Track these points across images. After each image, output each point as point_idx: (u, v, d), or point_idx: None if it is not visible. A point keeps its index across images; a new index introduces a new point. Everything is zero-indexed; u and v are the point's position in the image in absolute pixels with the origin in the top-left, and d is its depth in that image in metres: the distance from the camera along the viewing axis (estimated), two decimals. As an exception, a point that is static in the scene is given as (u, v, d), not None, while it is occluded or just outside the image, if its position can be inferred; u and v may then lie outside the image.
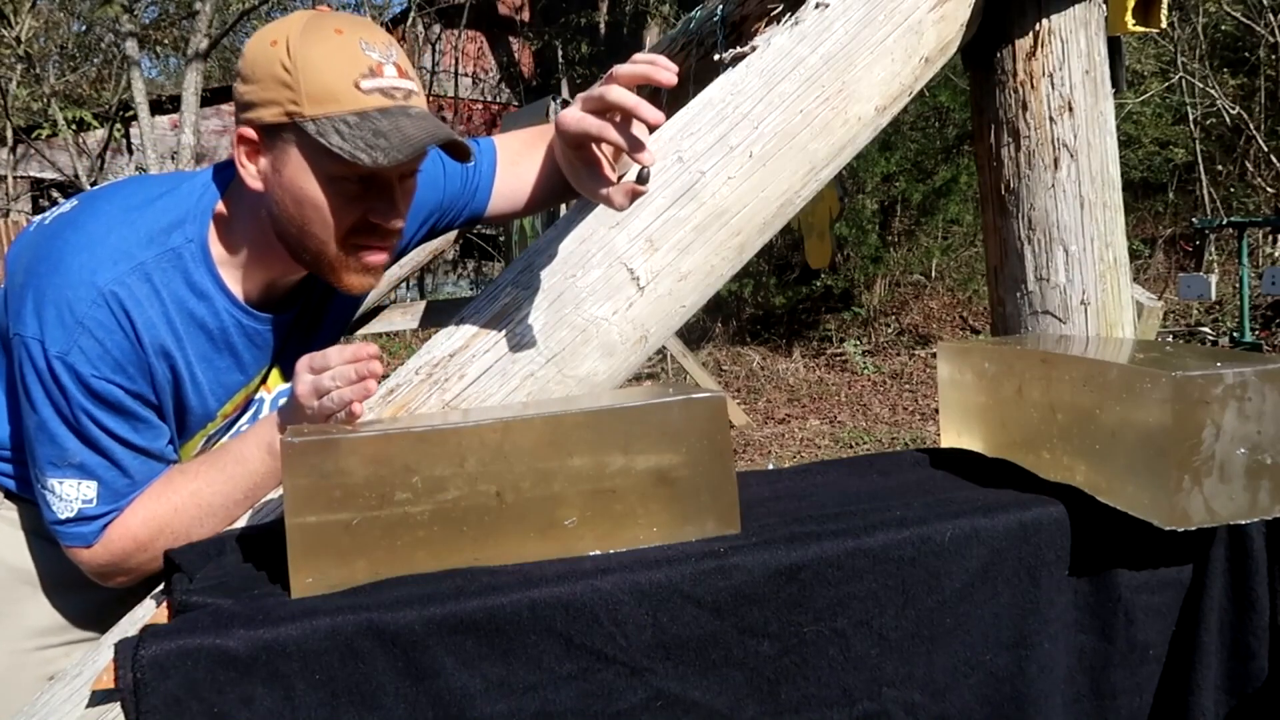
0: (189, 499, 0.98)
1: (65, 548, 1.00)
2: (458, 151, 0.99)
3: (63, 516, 0.97)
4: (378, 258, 1.01)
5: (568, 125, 0.93)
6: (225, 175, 1.05)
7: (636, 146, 0.88)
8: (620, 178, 0.97)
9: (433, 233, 1.26)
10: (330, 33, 0.92)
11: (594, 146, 0.95)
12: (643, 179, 0.93)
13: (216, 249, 1.02)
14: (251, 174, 0.97)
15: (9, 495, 1.10)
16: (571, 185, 1.11)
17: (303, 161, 0.94)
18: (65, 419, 0.95)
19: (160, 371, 1.00)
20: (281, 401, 1.18)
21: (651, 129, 0.89)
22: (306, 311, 1.15)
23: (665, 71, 0.87)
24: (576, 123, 0.92)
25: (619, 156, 1.01)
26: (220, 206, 1.03)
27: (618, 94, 0.88)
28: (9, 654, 1.08)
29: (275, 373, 1.15)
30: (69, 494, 0.97)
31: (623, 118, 0.90)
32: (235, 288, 1.04)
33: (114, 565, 1.00)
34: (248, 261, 1.04)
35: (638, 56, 0.90)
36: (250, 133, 0.95)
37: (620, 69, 0.89)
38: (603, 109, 0.90)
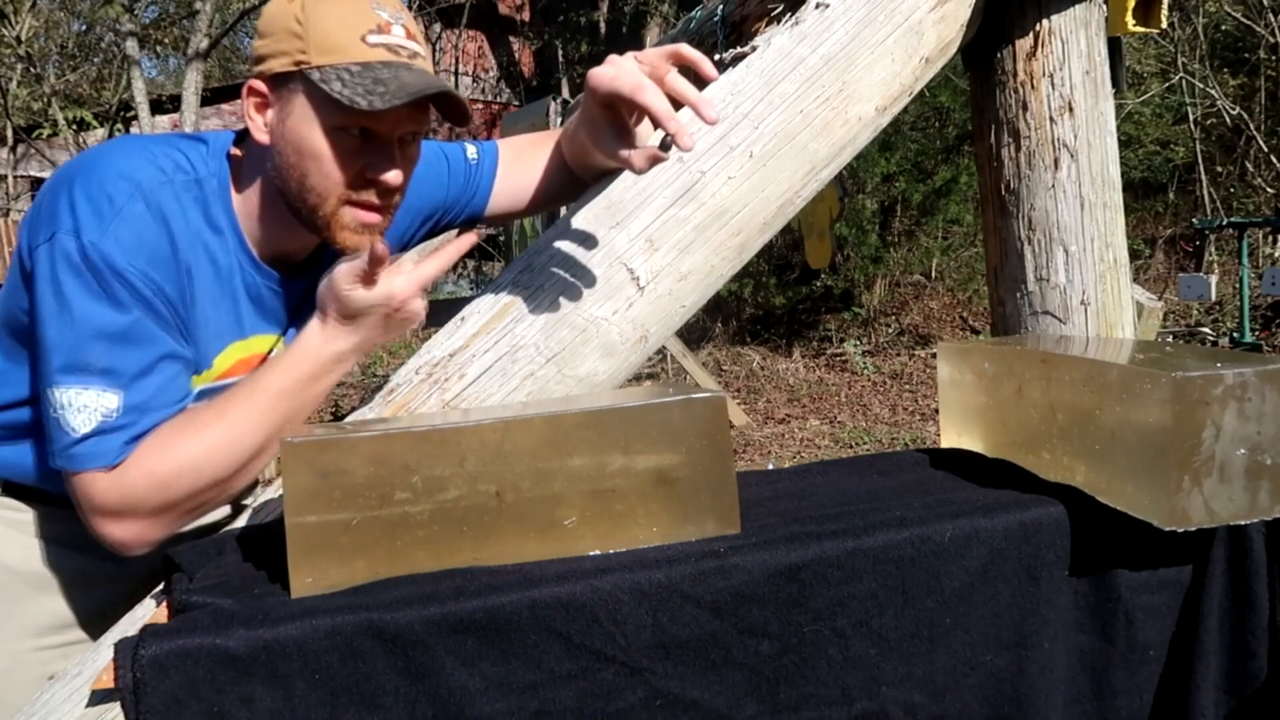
0: (222, 435, 0.93)
1: (77, 478, 0.92)
2: (455, 109, 0.99)
3: (81, 431, 0.90)
4: (373, 218, 1.01)
5: (599, 83, 0.95)
6: (239, 136, 1.07)
7: (667, 114, 0.90)
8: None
9: (433, 231, 1.27)
10: None
11: (623, 110, 0.97)
12: (665, 145, 0.94)
13: (234, 196, 1.03)
14: (259, 126, 0.99)
15: (21, 496, 1.08)
16: (585, 158, 1.12)
17: (307, 110, 0.96)
18: (95, 315, 0.90)
19: (185, 286, 0.98)
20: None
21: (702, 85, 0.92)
22: (312, 289, 1.14)
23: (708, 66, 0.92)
24: (609, 82, 0.94)
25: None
26: (235, 164, 1.04)
27: (686, 50, 0.92)
28: (9, 654, 1.07)
29: (281, 347, 1.14)
30: (88, 403, 0.90)
31: (659, 85, 0.92)
32: (248, 238, 1.05)
33: (126, 500, 0.92)
34: (256, 222, 1.04)
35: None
36: (260, 85, 0.98)
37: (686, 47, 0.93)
38: (657, 64, 0.93)
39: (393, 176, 0.99)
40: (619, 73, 0.94)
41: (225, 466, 0.93)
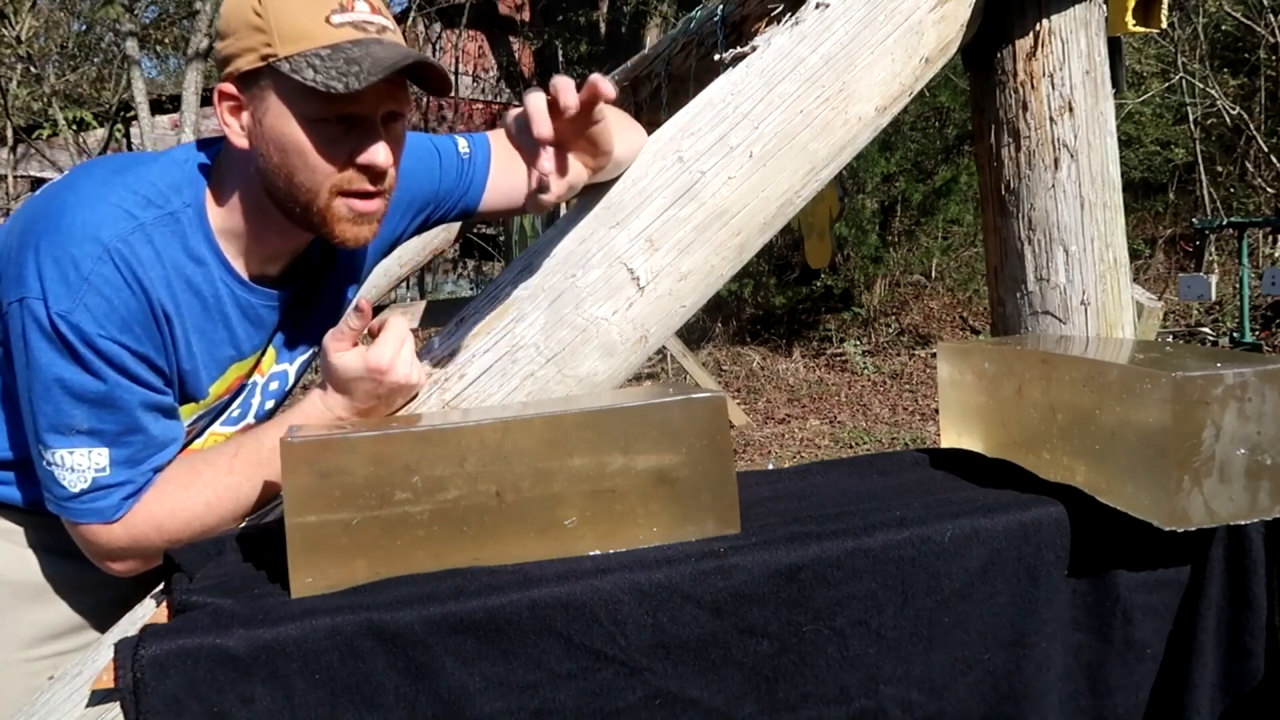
0: (226, 493, 0.96)
1: (80, 527, 0.95)
2: (433, 78, 0.96)
3: (76, 490, 0.93)
4: (369, 205, 0.98)
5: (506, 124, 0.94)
6: (211, 148, 1.04)
7: (539, 116, 0.88)
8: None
9: (425, 225, 1.25)
10: None
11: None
12: (542, 188, 0.92)
13: (213, 218, 1.01)
14: (236, 131, 0.96)
15: (9, 510, 1.07)
16: None
17: (282, 106, 0.93)
18: (71, 381, 0.91)
19: (166, 335, 0.97)
20: (274, 385, 1.17)
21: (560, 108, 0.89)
22: (302, 291, 1.13)
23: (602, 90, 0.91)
24: (511, 118, 0.92)
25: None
26: (212, 177, 1.02)
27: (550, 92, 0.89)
28: None
29: (270, 355, 1.13)
30: (79, 464, 0.92)
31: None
32: (231, 258, 1.02)
33: (132, 548, 0.96)
34: (242, 232, 1.02)
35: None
36: (230, 88, 0.95)
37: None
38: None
39: (381, 154, 0.95)
40: (519, 112, 0.91)
41: (228, 517, 0.97)
